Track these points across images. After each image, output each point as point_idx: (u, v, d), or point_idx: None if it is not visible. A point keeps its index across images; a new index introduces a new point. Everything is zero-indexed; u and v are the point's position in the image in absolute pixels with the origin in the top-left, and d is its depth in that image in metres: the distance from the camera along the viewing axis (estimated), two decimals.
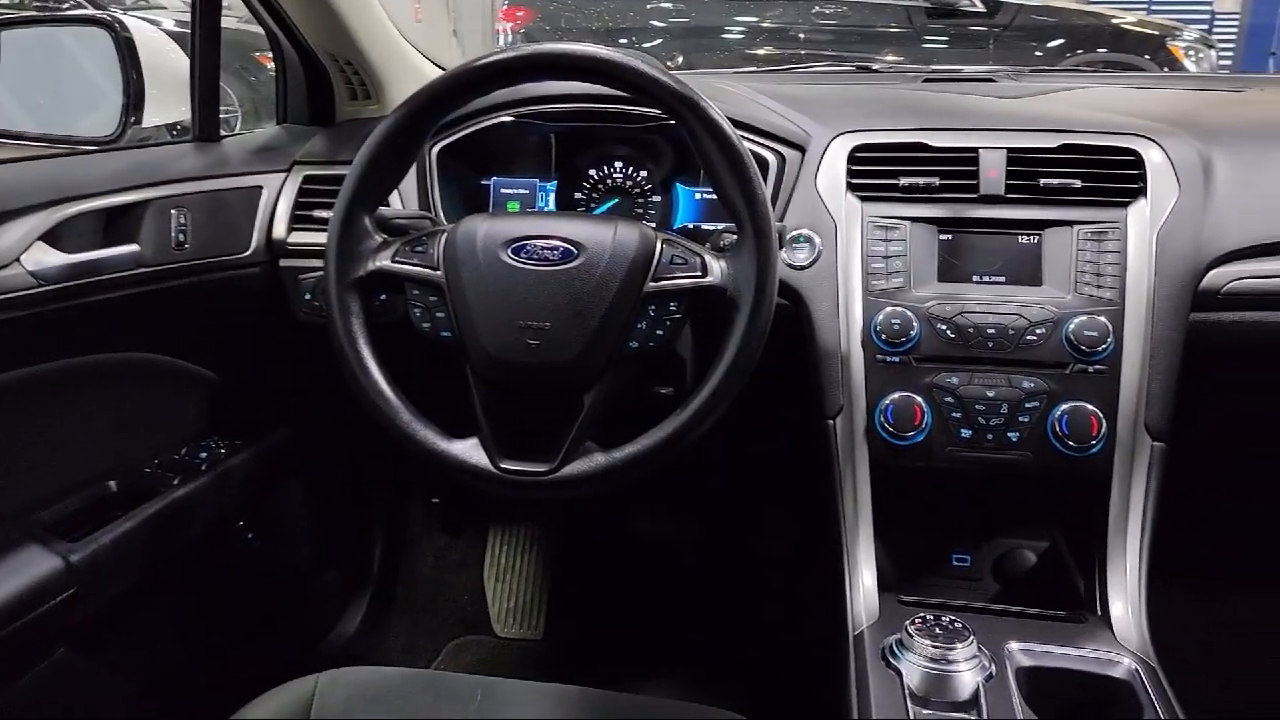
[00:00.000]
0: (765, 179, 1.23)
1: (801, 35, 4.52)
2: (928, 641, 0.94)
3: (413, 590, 2.01)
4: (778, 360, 1.06)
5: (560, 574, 2.02)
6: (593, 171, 1.45)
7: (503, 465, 1.02)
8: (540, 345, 1.01)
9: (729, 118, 1.01)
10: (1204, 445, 1.23)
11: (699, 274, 1.02)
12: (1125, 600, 1.07)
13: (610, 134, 1.43)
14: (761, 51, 4.49)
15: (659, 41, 4.67)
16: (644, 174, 1.44)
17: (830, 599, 1.14)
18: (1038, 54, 4.56)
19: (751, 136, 1.28)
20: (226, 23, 1.41)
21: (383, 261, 1.06)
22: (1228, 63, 7.41)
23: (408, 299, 1.06)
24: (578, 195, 1.46)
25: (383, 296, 1.23)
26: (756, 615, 1.87)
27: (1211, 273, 1.15)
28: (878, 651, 0.99)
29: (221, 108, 1.53)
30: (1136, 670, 0.97)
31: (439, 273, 1.04)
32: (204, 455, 1.43)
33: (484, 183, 1.46)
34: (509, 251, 1.03)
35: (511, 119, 1.39)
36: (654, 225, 1.23)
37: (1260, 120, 1.42)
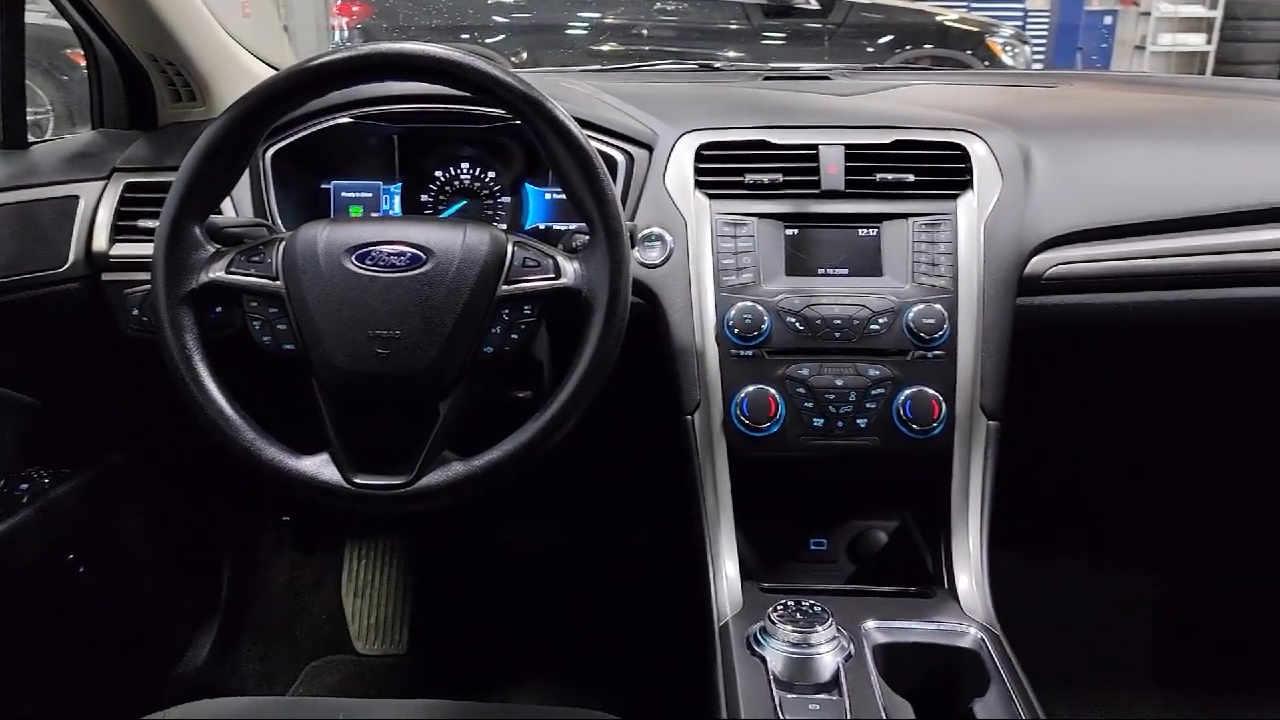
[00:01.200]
0: (614, 179, 1.23)
1: (644, 32, 4.57)
2: (789, 627, 0.96)
3: (266, 613, 1.92)
4: (635, 359, 1.06)
5: (422, 585, 1.97)
6: (439, 173, 1.42)
7: (356, 480, 0.99)
8: (391, 354, 0.98)
9: (575, 117, 1.01)
10: (1035, 422, 1.31)
11: (552, 276, 1.01)
12: (970, 573, 1.13)
13: (456, 134, 1.40)
14: (605, 48, 4.51)
15: (501, 38, 4.62)
16: (492, 175, 1.42)
17: (695, 592, 1.15)
18: (869, 50, 4.76)
19: (599, 136, 1.28)
20: (34, 18, 1.32)
21: (216, 273, 1.01)
22: (1041, 57, 7.91)
23: (245, 311, 1.01)
24: (424, 198, 1.42)
25: (218, 309, 1.17)
26: (623, 613, 1.88)
27: (1034, 259, 1.22)
28: (743, 640, 1.01)
29: (30, 109, 1.42)
30: (982, 639, 1.03)
31: (278, 283, 1.00)
32: (25, 487, 1.33)
33: (324, 186, 1.40)
34: (353, 258, 0.99)
35: (351, 120, 1.34)
36: (504, 227, 1.21)
37: (1072, 114, 1.52)
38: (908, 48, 4.85)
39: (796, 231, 1.23)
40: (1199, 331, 1.32)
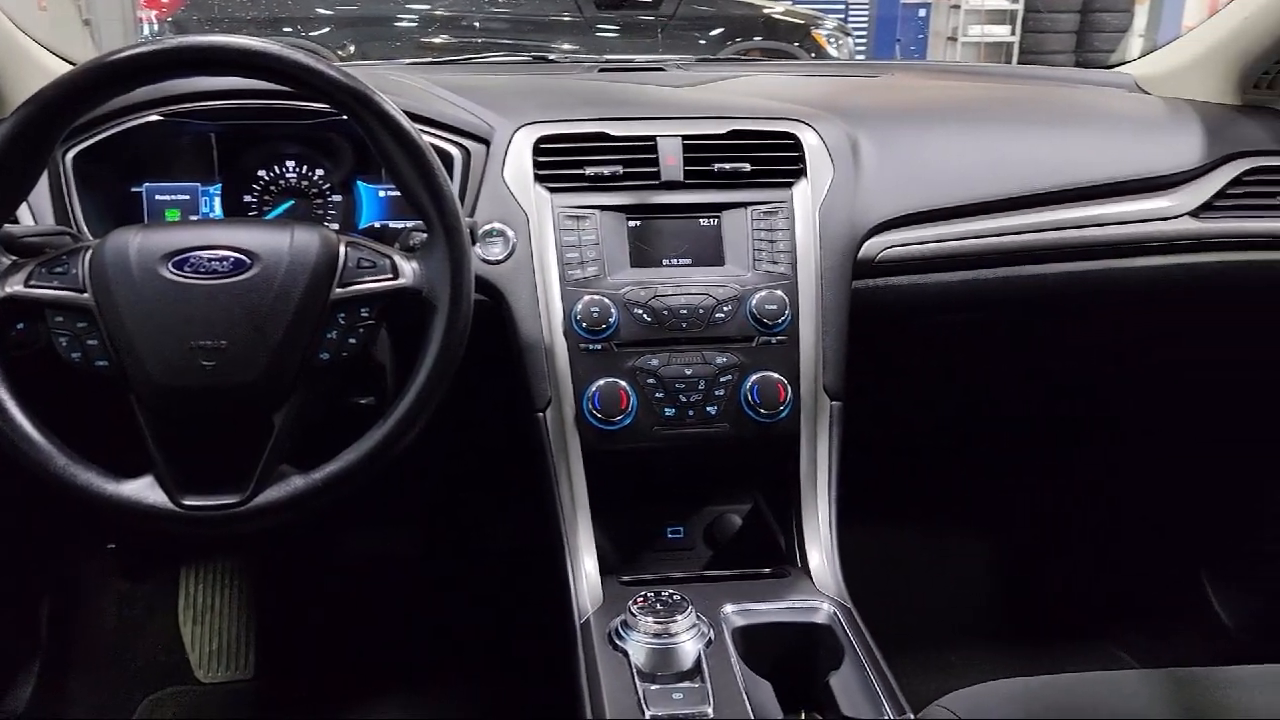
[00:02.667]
0: (450, 174, 1.20)
1: (476, 24, 4.50)
2: (650, 619, 0.97)
3: (93, 647, 1.79)
4: (481, 358, 1.04)
5: (267, 606, 1.88)
6: (262, 172, 1.35)
7: (185, 502, 0.94)
8: (217, 366, 0.93)
9: (407, 111, 0.98)
10: (875, 400, 1.36)
11: (390, 276, 0.98)
12: (820, 550, 1.16)
13: (279, 131, 1.33)
14: (437, 40, 4.40)
15: (326, 31, 4.44)
16: (321, 172, 1.36)
17: (555, 590, 1.14)
18: (701, 42, 4.84)
19: (432, 130, 1.24)
20: None
21: (14, 287, 0.93)
22: (863, 48, 8.26)
23: (50, 327, 0.94)
24: (247, 199, 1.34)
25: (19, 326, 1.07)
26: (482, 618, 1.85)
27: (867, 243, 1.27)
28: (604, 636, 1.01)
29: None
30: (835, 613, 1.06)
31: (86, 295, 0.93)
32: None
33: (135, 190, 1.31)
34: (170, 266, 0.94)
35: (161, 118, 1.25)
36: (336, 227, 1.17)
37: (895, 103, 1.58)
38: (738, 40, 4.96)
39: (639, 223, 1.23)
40: (1019, 306, 1.40)
